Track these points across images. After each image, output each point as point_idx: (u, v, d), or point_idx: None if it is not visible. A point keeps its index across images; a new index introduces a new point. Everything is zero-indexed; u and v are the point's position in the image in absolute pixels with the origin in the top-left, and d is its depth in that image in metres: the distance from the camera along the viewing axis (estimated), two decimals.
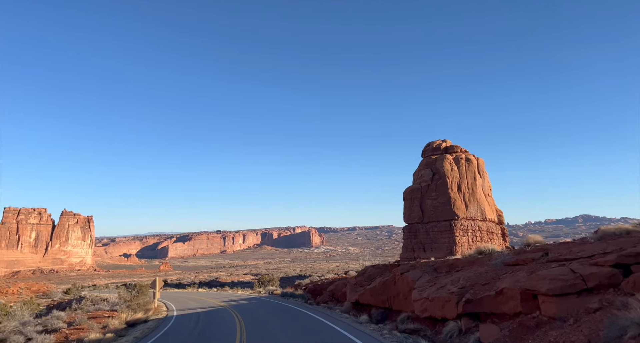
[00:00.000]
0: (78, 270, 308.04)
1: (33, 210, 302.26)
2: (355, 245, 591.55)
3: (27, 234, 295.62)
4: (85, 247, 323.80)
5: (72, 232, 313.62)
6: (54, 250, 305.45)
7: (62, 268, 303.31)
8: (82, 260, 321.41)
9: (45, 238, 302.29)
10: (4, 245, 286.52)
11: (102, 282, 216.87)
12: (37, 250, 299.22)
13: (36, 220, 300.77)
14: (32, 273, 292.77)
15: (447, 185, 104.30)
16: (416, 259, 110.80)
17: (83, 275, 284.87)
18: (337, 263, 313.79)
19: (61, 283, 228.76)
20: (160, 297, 50.75)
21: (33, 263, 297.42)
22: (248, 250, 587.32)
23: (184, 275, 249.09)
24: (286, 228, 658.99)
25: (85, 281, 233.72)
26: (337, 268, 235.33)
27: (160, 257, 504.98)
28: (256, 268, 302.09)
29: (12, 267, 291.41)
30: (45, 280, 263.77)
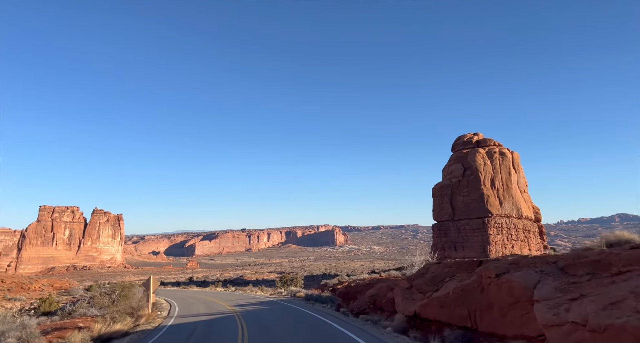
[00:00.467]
0: (109, 267, 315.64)
1: (66, 208, 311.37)
2: (380, 244, 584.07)
3: (61, 232, 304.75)
4: (115, 245, 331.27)
5: (103, 230, 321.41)
6: (86, 247, 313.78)
7: (93, 264, 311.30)
8: (112, 257, 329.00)
9: (78, 235, 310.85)
10: (40, 242, 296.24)
11: (131, 279, 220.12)
12: (71, 247, 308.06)
13: (69, 218, 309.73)
14: (66, 269, 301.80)
15: (479, 181, 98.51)
16: (446, 258, 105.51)
17: (113, 272, 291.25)
18: (362, 262, 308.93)
19: (92, 279, 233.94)
20: (174, 297, 47.40)
21: (67, 260, 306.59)
22: (273, 248, 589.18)
23: (210, 273, 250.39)
24: (310, 227, 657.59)
25: (115, 278, 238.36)
26: (362, 267, 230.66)
27: (188, 254, 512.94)
28: (281, 267, 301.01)
29: (47, 264, 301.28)
30: (78, 276, 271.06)
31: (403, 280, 21.11)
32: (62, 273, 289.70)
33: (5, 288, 50.56)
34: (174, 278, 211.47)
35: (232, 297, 43.95)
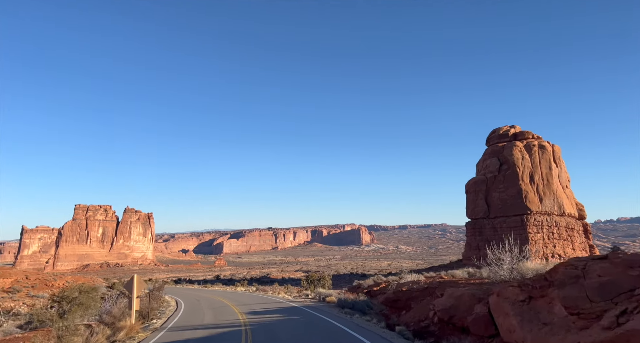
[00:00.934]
0: (140, 264, 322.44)
1: (100, 207, 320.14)
2: (407, 244, 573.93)
3: (94, 230, 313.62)
4: (146, 242, 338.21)
5: (134, 228, 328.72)
6: (119, 245, 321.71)
7: (125, 262, 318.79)
8: (143, 255, 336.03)
9: (110, 233, 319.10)
10: (75, 240, 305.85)
11: (161, 276, 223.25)
12: (104, 245, 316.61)
13: (102, 217, 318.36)
14: (100, 266, 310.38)
15: (517, 176, 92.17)
16: (481, 258, 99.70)
17: (144, 269, 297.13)
18: (389, 261, 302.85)
19: (123, 276, 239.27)
20: (188, 298, 42.75)
21: (100, 257, 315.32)
22: (299, 247, 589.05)
23: (237, 271, 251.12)
24: (336, 226, 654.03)
25: (146, 275, 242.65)
26: (390, 267, 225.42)
27: (216, 252, 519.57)
28: (307, 265, 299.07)
29: (82, 261, 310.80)
30: (111, 273, 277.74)
31: (513, 287, 12.54)
32: (96, 271, 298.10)
33: (29, 285, 49.65)
34: (201, 276, 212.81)
35: (250, 299, 37.22)
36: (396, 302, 19.02)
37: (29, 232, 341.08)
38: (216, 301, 36.65)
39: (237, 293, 47.87)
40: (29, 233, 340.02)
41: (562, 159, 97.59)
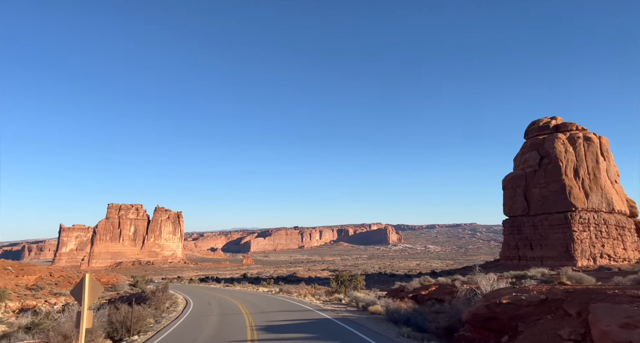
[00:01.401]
0: (170, 262, 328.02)
1: (131, 206, 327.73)
2: (436, 244, 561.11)
3: (127, 228, 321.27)
4: (175, 241, 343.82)
5: (164, 227, 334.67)
6: (150, 243, 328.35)
7: (156, 260, 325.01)
8: (173, 253, 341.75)
9: (142, 232, 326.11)
10: (108, 238, 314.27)
11: (190, 274, 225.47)
12: (136, 243, 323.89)
13: (134, 216, 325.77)
14: (132, 264, 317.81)
15: (559, 170, 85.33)
16: (521, 258, 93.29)
17: (174, 267, 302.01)
18: (418, 261, 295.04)
19: (155, 274, 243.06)
20: (203, 300, 37.44)
21: (132, 255, 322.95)
22: (325, 246, 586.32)
23: (264, 270, 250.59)
24: (362, 225, 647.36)
25: (175, 273, 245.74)
26: (418, 267, 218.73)
27: (244, 251, 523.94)
28: (333, 264, 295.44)
29: (115, 258, 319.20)
30: (142, 271, 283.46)
31: None
32: (128, 268, 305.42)
33: (53, 283, 48.59)
34: (229, 274, 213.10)
35: (271, 304, 30.23)
36: (490, 321, 11.93)
37: (67, 230, 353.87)
38: (230, 305, 30.38)
39: (258, 296, 40.95)
40: (66, 231, 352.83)
41: (611, 152, 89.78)
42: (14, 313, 42.37)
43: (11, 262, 53.87)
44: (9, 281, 46.72)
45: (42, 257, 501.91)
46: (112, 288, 50.67)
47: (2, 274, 47.01)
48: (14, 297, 44.37)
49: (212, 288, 59.54)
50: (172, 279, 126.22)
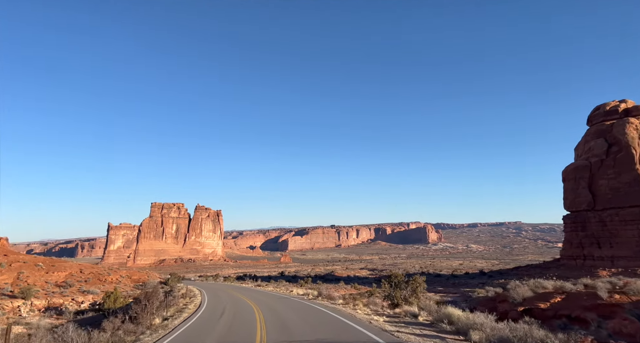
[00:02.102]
0: (210, 260, 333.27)
1: (173, 205, 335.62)
2: (478, 243, 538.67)
3: (169, 226, 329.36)
4: (215, 239, 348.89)
5: (204, 225, 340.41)
6: (191, 241, 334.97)
7: (197, 257, 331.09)
8: (213, 251, 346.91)
9: (183, 230, 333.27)
10: (152, 236, 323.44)
11: (228, 272, 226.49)
12: (178, 241, 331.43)
13: (176, 214, 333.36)
14: (175, 261, 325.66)
15: (632, 159, 74.73)
16: (586, 258, 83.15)
17: (214, 265, 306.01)
18: (460, 261, 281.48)
19: (195, 271, 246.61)
20: (226, 302, 31.27)
21: (175, 253, 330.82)
22: (362, 245, 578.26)
23: (302, 268, 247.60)
24: (400, 224, 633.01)
25: (215, 270, 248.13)
26: (462, 266, 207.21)
27: (281, 249, 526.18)
28: (371, 263, 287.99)
29: (159, 256, 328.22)
30: (184, 268, 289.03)
31: None
32: (171, 266, 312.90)
33: (83, 279, 46.32)
34: (267, 272, 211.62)
35: (307, 321, 20.21)
36: None
37: (114, 228, 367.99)
38: (246, 321, 21.00)
39: (292, 303, 30.62)
40: (114, 229, 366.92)
41: None
42: (39, 312, 39.75)
43: (42, 258, 52.48)
44: (39, 277, 44.71)
45: (94, 254, 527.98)
46: (142, 286, 47.76)
47: (33, 271, 45.18)
48: (41, 294, 41.96)
49: (241, 289, 51.19)
50: (208, 276, 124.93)
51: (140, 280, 50.78)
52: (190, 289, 43.00)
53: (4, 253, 47.42)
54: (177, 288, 43.05)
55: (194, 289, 44.23)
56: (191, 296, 37.40)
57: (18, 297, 39.88)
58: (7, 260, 45.36)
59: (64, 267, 47.51)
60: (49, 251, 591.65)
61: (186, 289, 42.81)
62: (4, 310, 38.25)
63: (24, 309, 39.03)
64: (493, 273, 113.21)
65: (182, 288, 42.58)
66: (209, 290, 46.21)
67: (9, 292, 41.13)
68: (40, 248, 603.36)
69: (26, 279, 43.77)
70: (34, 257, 52.20)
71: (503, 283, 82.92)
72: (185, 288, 42.88)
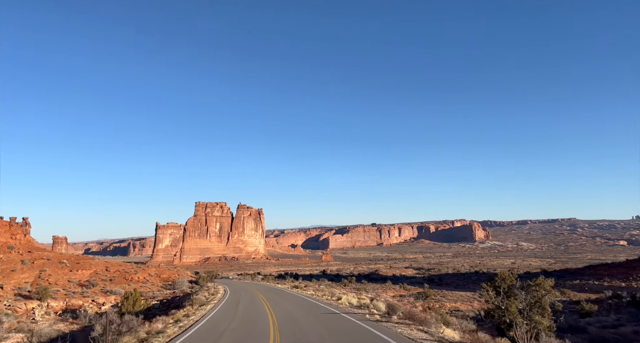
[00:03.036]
0: (253, 258, 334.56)
1: (216, 204, 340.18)
2: (529, 241, 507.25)
3: (213, 225, 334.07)
4: (257, 237, 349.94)
5: (246, 223, 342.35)
6: (234, 239, 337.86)
7: (240, 256, 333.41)
8: (256, 249, 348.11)
9: (226, 228, 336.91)
10: (197, 234, 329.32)
11: (270, 270, 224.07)
12: (221, 239, 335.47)
13: (219, 213, 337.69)
14: (219, 259, 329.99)
15: None
16: None
17: (257, 263, 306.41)
18: (511, 259, 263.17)
19: (238, 269, 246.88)
20: (247, 312, 22.95)
21: (219, 251, 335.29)
22: (404, 243, 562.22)
23: (344, 266, 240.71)
24: (444, 222, 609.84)
25: (258, 268, 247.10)
26: (514, 265, 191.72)
27: (322, 248, 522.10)
28: (416, 262, 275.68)
29: (204, 254, 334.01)
30: (228, 266, 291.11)
31: None
32: (215, 263, 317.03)
33: (107, 278, 42.32)
34: (308, 270, 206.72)
35: None
36: None
37: (162, 228, 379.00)
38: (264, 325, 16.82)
39: (345, 326, 17.87)
40: (161, 229, 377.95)
41: None
42: (55, 315, 35.15)
43: (68, 255, 49.40)
44: (61, 276, 40.92)
45: (144, 252, 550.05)
46: (170, 286, 42.99)
47: (56, 268, 41.62)
48: (60, 294, 37.73)
49: (275, 292, 38.81)
50: (247, 275, 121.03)
51: (169, 279, 46.32)
52: (217, 290, 37.34)
53: (29, 250, 44.44)
54: (206, 289, 37.61)
55: (220, 290, 38.43)
56: (209, 300, 31.10)
57: (34, 298, 35.64)
58: (31, 258, 42.02)
59: (90, 265, 43.81)
60: (104, 250, 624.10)
61: (214, 289, 37.36)
62: (17, 313, 33.73)
63: (38, 312, 34.49)
64: (560, 272, 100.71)
65: (210, 289, 37.25)
66: (236, 292, 38.70)
67: (27, 292, 36.99)
68: (97, 247, 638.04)
69: (47, 278, 40.01)
70: (59, 254, 49.33)
71: (580, 285, 71.75)
72: (213, 288, 37.50)
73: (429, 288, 64.96)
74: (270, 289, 43.97)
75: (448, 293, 70.40)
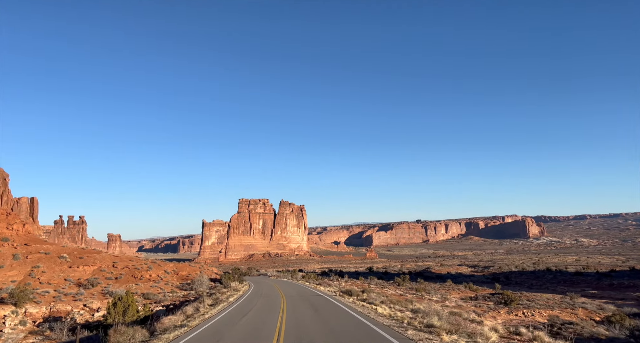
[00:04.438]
0: (297, 255, 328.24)
1: (259, 200, 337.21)
2: (589, 236, 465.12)
3: (256, 222, 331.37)
4: (300, 234, 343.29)
5: (289, 220, 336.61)
6: (277, 236, 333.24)
7: (284, 252, 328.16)
8: (299, 246, 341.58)
9: (269, 225, 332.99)
10: (241, 231, 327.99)
11: (314, 267, 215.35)
12: (264, 236, 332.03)
13: (262, 210, 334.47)
14: (263, 256, 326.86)
15: None
16: None
17: (300, 260, 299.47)
18: (574, 256, 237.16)
19: (282, 266, 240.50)
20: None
21: (262, 248, 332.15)
22: (452, 240, 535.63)
23: (390, 264, 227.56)
24: (494, 218, 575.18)
25: (302, 265, 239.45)
26: (579, 263, 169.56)
27: (365, 245, 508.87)
28: (466, 259, 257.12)
29: (248, 250, 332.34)
30: (271, 263, 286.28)
31: None
32: (259, 260, 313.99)
33: (113, 276, 34.08)
34: (353, 267, 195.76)
35: None
36: None
37: (208, 225, 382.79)
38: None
39: None
40: (208, 226, 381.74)
41: None
42: (34, 324, 26.23)
43: (71, 248, 42.10)
44: (58, 273, 32.87)
45: (193, 249, 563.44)
46: (188, 286, 33.87)
47: (53, 264, 33.87)
48: (48, 297, 29.07)
49: (315, 298, 28.45)
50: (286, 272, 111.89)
51: (189, 278, 37.60)
52: (238, 292, 27.08)
53: (26, 242, 37.13)
54: (230, 288, 27.68)
55: (240, 290, 28.02)
56: (219, 308, 20.62)
57: (8, 302, 26.91)
58: (25, 251, 34.47)
59: (94, 260, 35.90)
60: (156, 247, 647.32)
61: (231, 290, 27.33)
62: None
63: (10, 321, 25.72)
64: None
65: (229, 290, 27.47)
66: (254, 298, 27.38)
67: (6, 294, 28.41)
68: (149, 244, 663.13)
69: (40, 276, 31.98)
70: (61, 247, 42.15)
71: None
72: (230, 290, 27.61)
73: (509, 292, 51.85)
74: (307, 295, 30.73)
75: (528, 295, 56.93)
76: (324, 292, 35.38)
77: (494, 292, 62.96)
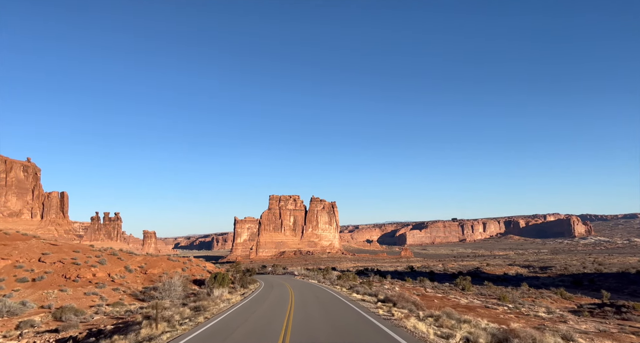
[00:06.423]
0: (328, 253, 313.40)
1: (289, 197, 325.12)
2: None
3: (287, 219, 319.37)
4: (332, 231, 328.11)
5: (320, 217, 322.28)
6: (308, 233, 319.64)
7: (315, 250, 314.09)
8: (331, 243, 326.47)
9: (300, 222, 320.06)
10: (272, 228, 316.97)
11: (347, 265, 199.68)
12: (295, 233, 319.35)
13: (292, 206, 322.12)
14: (294, 253, 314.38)
15: None
16: None
17: (332, 258, 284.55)
18: (635, 257, 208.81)
19: (313, 263, 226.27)
20: None
21: (293, 245, 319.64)
22: (490, 239, 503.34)
23: (428, 263, 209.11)
24: (535, 216, 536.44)
25: (334, 263, 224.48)
26: None
27: (399, 243, 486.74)
28: (508, 259, 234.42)
29: (279, 248, 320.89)
30: (302, 260, 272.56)
31: None
32: (290, 257, 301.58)
33: (31, 278, 19.79)
34: (389, 266, 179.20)
35: None
36: None
37: (240, 222, 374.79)
38: None
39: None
40: (239, 223, 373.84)
41: None
42: None
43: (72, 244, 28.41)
44: None
45: (226, 247, 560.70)
46: (155, 291, 19.32)
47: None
48: None
49: (371, 306, 15.79)
50: (317, 270, 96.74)
51: (162, 278, 23.69)
52: (218, 306, 12.76)
53: None
54: (212, 299, 12.84)
55: (232, 299, 13.41)
56: None
57: None
58: None
59: (13, 250, 22.33)
60: (191, 244, 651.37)
61: (212, 302, 12.52)
62: None
63: None
64: None
65: (209, 302, 12.94)
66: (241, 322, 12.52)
67: None
68: (185, 242, 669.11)
69: None
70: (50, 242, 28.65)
71: None
72: (211, 302, 12.98)
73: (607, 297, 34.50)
74: (360, 299, 14.89)
75: None
76: (387, 314, 18.84)
77: (601, 302, 45.44)
